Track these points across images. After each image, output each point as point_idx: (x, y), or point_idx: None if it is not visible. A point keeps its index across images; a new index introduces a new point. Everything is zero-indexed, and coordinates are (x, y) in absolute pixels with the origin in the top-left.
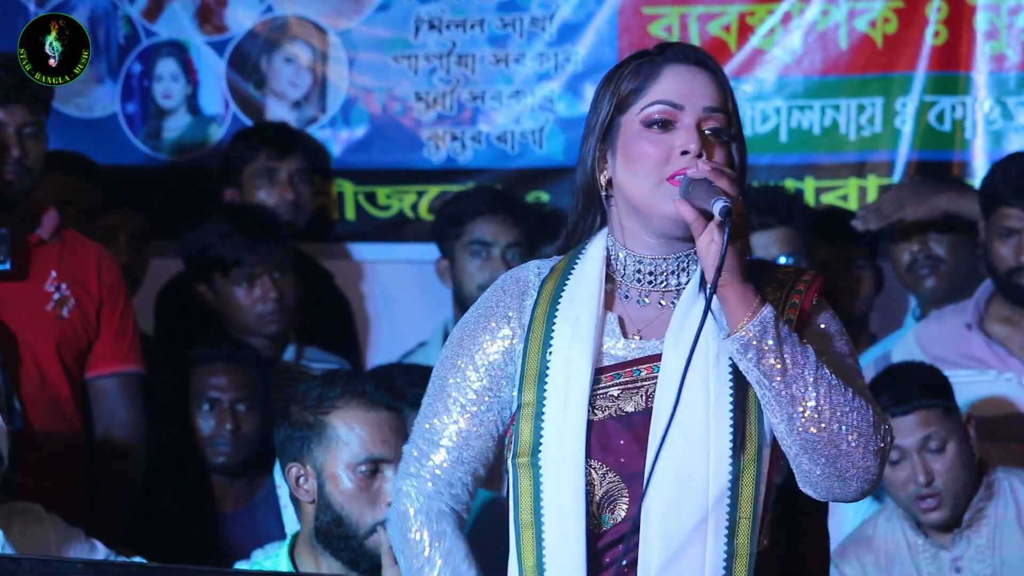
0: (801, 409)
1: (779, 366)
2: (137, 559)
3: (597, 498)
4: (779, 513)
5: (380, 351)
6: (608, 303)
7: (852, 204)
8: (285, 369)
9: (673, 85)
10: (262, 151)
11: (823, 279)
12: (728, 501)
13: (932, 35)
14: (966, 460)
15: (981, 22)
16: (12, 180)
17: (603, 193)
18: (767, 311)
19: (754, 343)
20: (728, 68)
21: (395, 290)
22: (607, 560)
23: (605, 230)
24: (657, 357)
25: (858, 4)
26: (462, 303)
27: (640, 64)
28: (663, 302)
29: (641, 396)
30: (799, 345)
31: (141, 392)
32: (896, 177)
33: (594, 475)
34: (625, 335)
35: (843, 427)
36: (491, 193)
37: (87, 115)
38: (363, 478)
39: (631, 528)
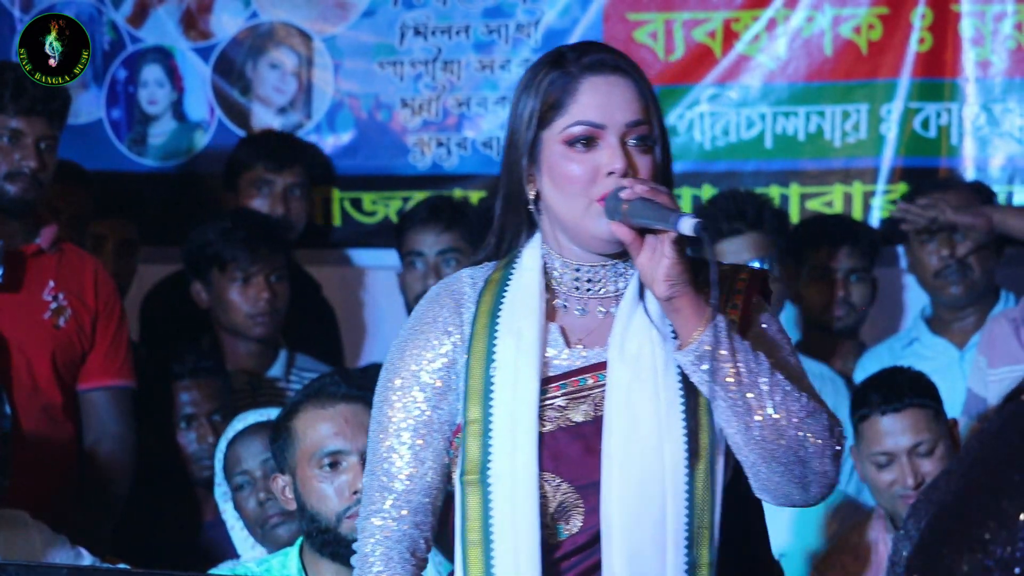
0: (758, 418)
1: (733, 376)
2: (121, 566)
3: (551, 510)
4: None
5: (365, 358)
6: (549, 314)
7: (837, 211)
8: (273, 383)
9: (592, 101)
10: (259, 161)
11: (761, 277)
12: (686, 510)
13: (917, 41)
14: None
15: (966, 28)
16: (25, 190)
17: (532, 206)
18: (720, 321)
19: (708, 353)
20: (713, 74)
21: (381, 296)
22: (563, 569)
23: (538, 237)
24: (602, 365)
25: (843, 10)
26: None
27: (557, 76)
28: (602, 309)
29: (589, 405)
30: (751, 352)
31: (131, 406)
32: (881, 184)
33: (547, 487)
34: (568, 344)
35: (800, 433)
36: (425, 202)
37: (72, 121)
38: (326, 473)
39: (590, 539)
